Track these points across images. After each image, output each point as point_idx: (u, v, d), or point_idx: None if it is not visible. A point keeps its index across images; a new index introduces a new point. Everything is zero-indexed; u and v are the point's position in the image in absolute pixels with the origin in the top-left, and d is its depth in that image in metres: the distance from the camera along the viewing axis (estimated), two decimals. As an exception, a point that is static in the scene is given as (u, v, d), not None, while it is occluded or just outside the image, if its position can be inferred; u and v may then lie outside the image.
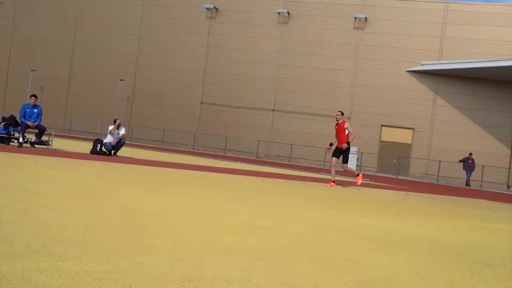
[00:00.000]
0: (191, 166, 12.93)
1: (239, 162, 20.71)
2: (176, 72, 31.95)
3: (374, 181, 16.72)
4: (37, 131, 12.42)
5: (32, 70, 33.21)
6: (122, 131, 12.88)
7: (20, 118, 12.18)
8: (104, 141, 12.57)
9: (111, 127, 12.76)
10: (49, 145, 12.92)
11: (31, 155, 9.80)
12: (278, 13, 30.19)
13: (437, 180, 25.62)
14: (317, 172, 19.19)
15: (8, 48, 35.31)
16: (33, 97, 12.50)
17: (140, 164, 11.01)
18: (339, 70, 29.27)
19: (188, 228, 3.56)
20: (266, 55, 30.60)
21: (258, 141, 30.03)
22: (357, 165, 22.76)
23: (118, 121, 13.00)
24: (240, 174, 12.05)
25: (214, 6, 31.10)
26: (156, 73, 32.28)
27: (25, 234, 2.62)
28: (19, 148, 11.46)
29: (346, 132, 10.28)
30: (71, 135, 30.49)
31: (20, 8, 35.15)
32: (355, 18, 28.83)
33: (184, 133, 31.18)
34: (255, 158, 27.89)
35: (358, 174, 10.79)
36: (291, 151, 29.24)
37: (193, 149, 30.34)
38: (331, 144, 10.65)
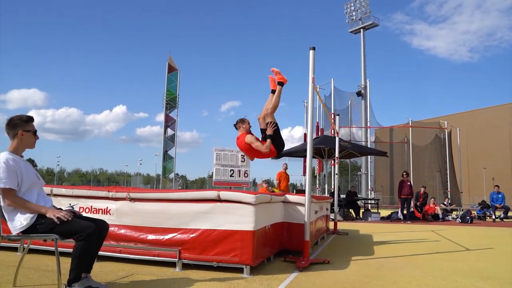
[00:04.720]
0: None
1: None
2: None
3: None
4: (503, 209, 17.63)
5: (484, 168, 46.33)
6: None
7: (490, 202, 17.85)
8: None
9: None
10: (515, 218, 17.60)
11: (501, 227, 13.12)
12: None
13: None
14: None
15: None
16: (496, 187, 18.03)
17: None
18: None
19: None
20: None
21: None
22: None
23: None
24: None
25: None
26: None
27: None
28: (492, 222, 16.06)
29: None
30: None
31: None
32: None
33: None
34: None
35: None
36: None
37: None
38: None
